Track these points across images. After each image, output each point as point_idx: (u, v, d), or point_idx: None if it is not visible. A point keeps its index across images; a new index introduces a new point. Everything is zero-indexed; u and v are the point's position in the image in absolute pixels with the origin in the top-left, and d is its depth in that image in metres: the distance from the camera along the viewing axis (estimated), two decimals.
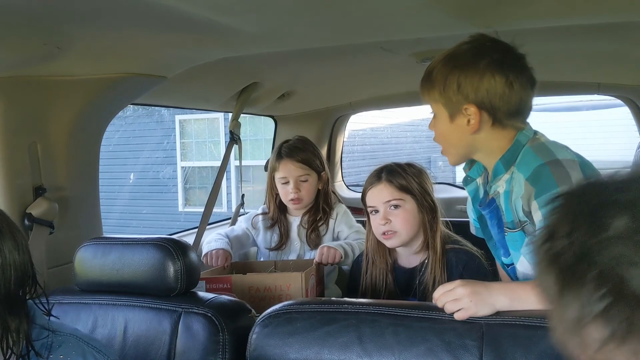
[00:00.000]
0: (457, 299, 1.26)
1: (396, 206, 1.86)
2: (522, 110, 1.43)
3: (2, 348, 1.05)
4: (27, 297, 1.13)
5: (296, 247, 2.38)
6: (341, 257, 2.10)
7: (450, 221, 2.01)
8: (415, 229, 1.88)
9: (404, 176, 1.87)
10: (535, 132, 1.46)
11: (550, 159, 1.33)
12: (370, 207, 1.91)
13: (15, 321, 1.07)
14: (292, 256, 2.38)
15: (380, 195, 1.87)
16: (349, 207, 2.48)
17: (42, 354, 1.11)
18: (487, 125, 1.41)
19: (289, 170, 2.30)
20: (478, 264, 1.87)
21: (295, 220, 2.40)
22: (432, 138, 1.56)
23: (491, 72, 1.37)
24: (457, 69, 1.40)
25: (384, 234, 1.87)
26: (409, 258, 1.95)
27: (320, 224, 2.36)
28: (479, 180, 1.61)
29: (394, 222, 1.85)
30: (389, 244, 1.89)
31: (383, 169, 1.92)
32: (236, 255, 2.41)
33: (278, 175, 2.34)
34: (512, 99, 1.39)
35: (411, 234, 1.88)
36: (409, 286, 1.92)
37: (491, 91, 1.37)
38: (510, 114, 1.40)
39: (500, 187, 1.46)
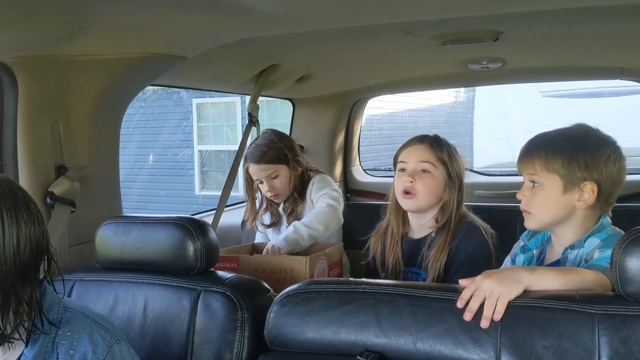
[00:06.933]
0: (490, 293, 1.23)
1: (426, 171, 1.91)
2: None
3: (15, 317, 1.07)
4: (44, 273, 1.14)
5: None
6: (289, 251, 2.09)
7: (468, 205, 2.02)
8: (435, 199, 1.92)
9: (445, 149, 1.95)
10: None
11: None
12: (401, 162, 1.96)
13: (27, 291, 1.08)
14: None
15: (417, 154, 1.94)
16: (365, 192, 2.48)
17: (52, 328, 1.12)
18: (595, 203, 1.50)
19: (256, 172, 2.39)
20: (478, 235, 1.90)
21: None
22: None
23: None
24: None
25: (405, 192, 1.91)
26: (420, 230, 1.98)
27: (299, 209, 2.42)
28: (535, 252, 1.67)
29: (418, 184, 1.90)
30: (406, 204, 1.94)
31: (428, 136, 2.00)
32: None
33: (253, 177, 2.42)
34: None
35: (430, 202, 1.92)
36: (412, 257, 1.96)
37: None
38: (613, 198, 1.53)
39: (571, 254, 1.52)
